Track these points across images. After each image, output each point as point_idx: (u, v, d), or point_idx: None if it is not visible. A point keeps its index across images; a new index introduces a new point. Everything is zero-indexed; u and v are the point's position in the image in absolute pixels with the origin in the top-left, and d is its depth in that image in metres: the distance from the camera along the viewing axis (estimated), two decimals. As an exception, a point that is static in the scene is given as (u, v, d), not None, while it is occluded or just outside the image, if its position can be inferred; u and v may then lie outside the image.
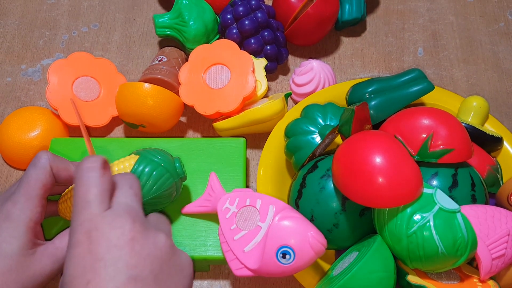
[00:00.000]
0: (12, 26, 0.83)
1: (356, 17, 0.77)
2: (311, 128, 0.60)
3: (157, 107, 0.65)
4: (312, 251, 0.49)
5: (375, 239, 0.51)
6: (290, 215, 0.51)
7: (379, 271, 0.49)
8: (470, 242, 0.48)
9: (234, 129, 0.66)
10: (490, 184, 0.59)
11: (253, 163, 0.69)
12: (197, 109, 0.66)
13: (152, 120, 0.66)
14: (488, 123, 0.67)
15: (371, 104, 0.63)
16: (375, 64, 0.79)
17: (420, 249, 0.48)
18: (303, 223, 0.50)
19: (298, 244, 0.49)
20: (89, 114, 0.68)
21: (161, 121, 0.66)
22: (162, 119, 0.66)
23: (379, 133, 0.53)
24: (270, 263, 0.50)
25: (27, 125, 0.65)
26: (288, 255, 0.49)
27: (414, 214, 0.49)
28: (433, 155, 0.54)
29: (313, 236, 0.49)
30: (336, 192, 0.55)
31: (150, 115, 0.65)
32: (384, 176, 0.49)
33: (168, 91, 0.66)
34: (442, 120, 0.55)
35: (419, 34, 0.82)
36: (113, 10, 0.84)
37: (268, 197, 0.53)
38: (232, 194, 0.55)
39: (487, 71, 0.78)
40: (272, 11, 0.74)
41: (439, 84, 0.75)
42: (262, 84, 0.69)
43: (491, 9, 0.85)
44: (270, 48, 0.72)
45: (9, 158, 0.67)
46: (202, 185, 0.60)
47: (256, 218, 0.52)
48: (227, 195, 0.55)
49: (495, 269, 0.50)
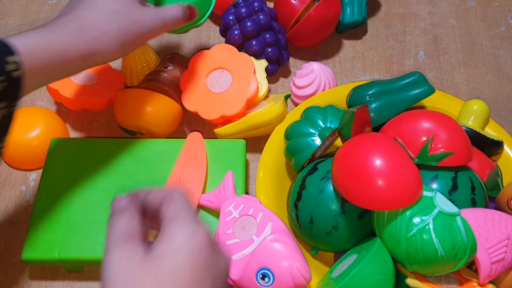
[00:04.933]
0: (13, 26, 0.83)
1: (357, 20, 0.77)
2: (311, 130, 0.60)
3: (156, 114, 0.65)
4: (292, 282, 0.49)
5: (374, 241, 0.51)
6: (282, 239, 0.51)
7: (378, 274, 0.49)
8: (469, 246, 0.48)
9: (235, 134, 0.66)
10: (490, 188, 0.59)
11: (252, 165, 0.69)
12: (201, 114, 0.66)
13: (150, 127, 0.66)
14: (489, 127, 0.67)
15: (372, 107, 0.63)
16: (376, 67, 0.78)
17: (420, 252, 0.48)
18: (293, 252, 0.50)
19: (280, 271, 0.49)
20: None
21: (160, 128, 0.67)
22: (161, 126, 0.66)
23: (379, 135, 0.53)
24: (249, 280, 0.50)
25: (27, 125, 0.65)
26: (267, 278, 0.49)
27: (413, 217, 0.49)
28: (433, 158, 0.54)
29: (298, 268, 0.49)
30: (336, 194, 0.55)
31: (149, 122, 0.65)
32: (384, 178, 0.49)
33: (167, 98, 0.66)
34: (442, 123, 0.55)
35: (420, 37, 0.82)
36: (114, 11, 0.84)
37: (270, 214, 0.53)
38: (239, 199, 0.55)
39: (488, 75, 0.78)
40: (274, 13, 0.74)
41: (439, 88, 0.75)
42: (262, 86, 0.69)
43: (493, 13, 0.85)
44: (271, 50, 0.72)
45: (9, 158, 0.67)
46: (201, 186, 0.60)
47: (253, 231, 0.52)
48: (234, 198, 0.55)
49: (494, 273, 0.50)
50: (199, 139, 0.63)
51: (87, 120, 0.72)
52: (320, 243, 0.57)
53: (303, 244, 0.60)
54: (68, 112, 0.73)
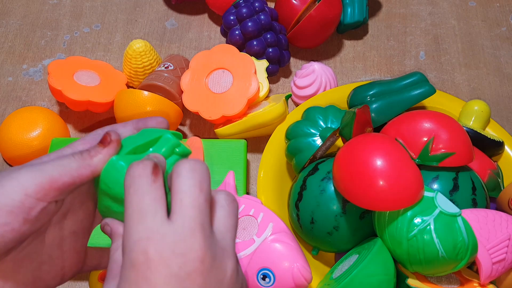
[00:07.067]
0: (14, 26, 0.83)
1: (358, 20, 0.77)
2: (312, 131, 0.60)
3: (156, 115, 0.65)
4: (292, 282, 0.49)
5: (375, 242, 0.51)
6: (283, 240, 0.51)
7: (379, 274, 0.49)
8: (470, 246, 0.48)
9: (236, 135, 0.66)
10: (491, 188, 0.59)
11: (253, 165, 0.69)
12: (202, 115, 0.66)
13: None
14: (490, 127, 0.67)
15: (372, 107, 0.63)
16: (377, 67, 0.78)
17: (421, 253, 0.48)
18: (293, 252, 0.50)
19: (281, 271, 0.49)
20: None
21: None
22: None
23: (380, 136, 0.53)
24: (250, 281, 0.50)
25: (27, 125, 0.65)
26: (268, 278, 0.49)
27: (414, 218, 0.49)
28: (434, 159, 0.54)
29: (298, 268, 0.49)
30: (337, 194, 0.55)
31: None
32: (384, 179, 0.49)
33: (167, 100, 0.66)
34: (443, 124, 0.55)
35: (421, 38, 0.82)
36: (115, 11, 0.84)
37: (272, 214, 0.53)
38: (240, 199, 0.55)
39: (489, 75, 0.78)
40: (275, 13, 0.74)
41: (440, 88, 0.75)
42: (263, 86, 0.69)
43: (493, 13, 0.85)
44: (272, 50, 0.72)
45: (10, 158, 0.67)
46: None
47: (254, 231, 0.52)
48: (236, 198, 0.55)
49: (495, 273, 0.50)
50: (198, 143, 0.63)
51: (88, 120, 0.72)
52: (321, 243, 0.57)
53: (304, 244, 0.60)
54: (69, 112, 0.73)
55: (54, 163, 0.33)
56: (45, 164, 0.33)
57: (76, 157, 0.34)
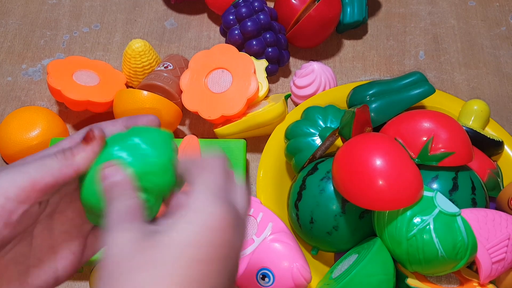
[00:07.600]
0: (13, 25, 0.83)
1: (358, 20, 0.77)
2: (311, 130, 0.60)
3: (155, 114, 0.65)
4: (292, 282, 0.49)
5: (375, 242, 0.51)
6: (283, 240, 0.51)
7: (379, 274, 0.49)
8: (470, 246, 0.48)
9: (235, 134, 0.66)
10: (491, 188, 0.59)
11: (253, 165, 0.69)
12: (201, 114, 0.66)
13: None
14: (489, 127, 0.67)
15: (372, 107, 0.63)
16: (376, 67, 0.78)
17: (420, 252, 0.48)
18: (293, 252, 0.50)
19: (280, 271, 0.49)
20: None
21: None
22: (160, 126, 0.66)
23: (380, 135, 0.53)
24: (249, 280, 0.50)
25: (27, 125, 0.65)
26: (267, 278, 0.49)
27: (414, 217, 0.49)
28: (434, 158, 0.54)
29: (298, 268, 0.49)
30: (336, 194, 0.55)
31: None
32: (384, 178, 0.49)
33: (166, 100, 0.66)
34: (443, 123, 0.55)
35: (421, 37, 0.82)
36: (114, 11, 0.84)
37: (271, 214, 0.53)
38: None
39: (488, 75, 0.78)
40: (275, 13, 0.74)
41: (440, 88, 0.75)
42: (263, 85, 0.69)
43: (493, 13, 0.84)
44: (271, 50, 0.72)
45: (9, 158, 0.66)
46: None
47: (253, 231, 0.52)
48: None
49: (495, 273, 0.50)
50: (194, 141, 0.62)
51: (87, 120, 0.72)
52: (321, 243, 0.57)
53: (303, 244, 0.60)
54: (68, 112, 0.73)
55: (36, 164, 0.32)
56: (26, 165, 0.32)
57: (59, 157, 0.33)
